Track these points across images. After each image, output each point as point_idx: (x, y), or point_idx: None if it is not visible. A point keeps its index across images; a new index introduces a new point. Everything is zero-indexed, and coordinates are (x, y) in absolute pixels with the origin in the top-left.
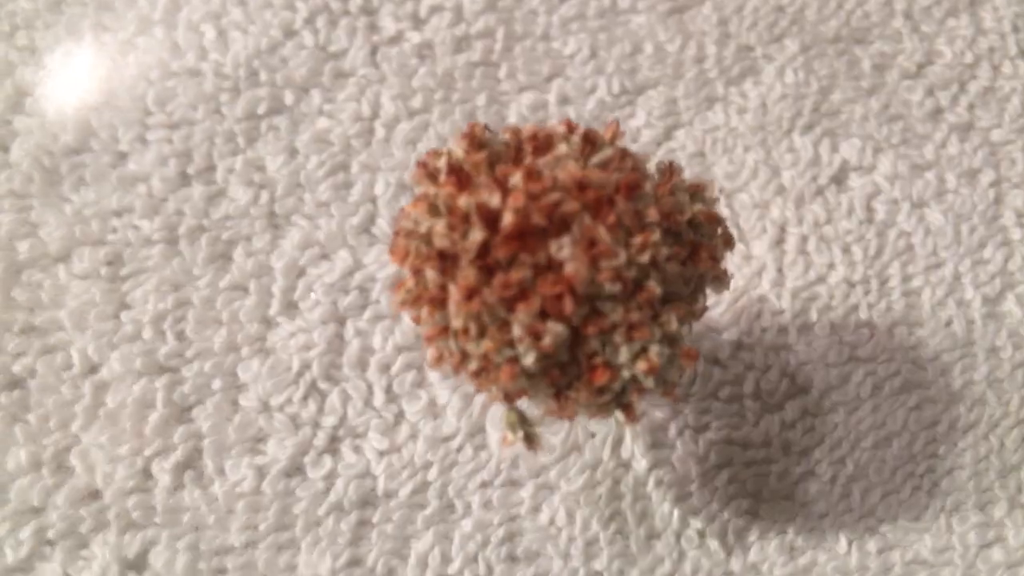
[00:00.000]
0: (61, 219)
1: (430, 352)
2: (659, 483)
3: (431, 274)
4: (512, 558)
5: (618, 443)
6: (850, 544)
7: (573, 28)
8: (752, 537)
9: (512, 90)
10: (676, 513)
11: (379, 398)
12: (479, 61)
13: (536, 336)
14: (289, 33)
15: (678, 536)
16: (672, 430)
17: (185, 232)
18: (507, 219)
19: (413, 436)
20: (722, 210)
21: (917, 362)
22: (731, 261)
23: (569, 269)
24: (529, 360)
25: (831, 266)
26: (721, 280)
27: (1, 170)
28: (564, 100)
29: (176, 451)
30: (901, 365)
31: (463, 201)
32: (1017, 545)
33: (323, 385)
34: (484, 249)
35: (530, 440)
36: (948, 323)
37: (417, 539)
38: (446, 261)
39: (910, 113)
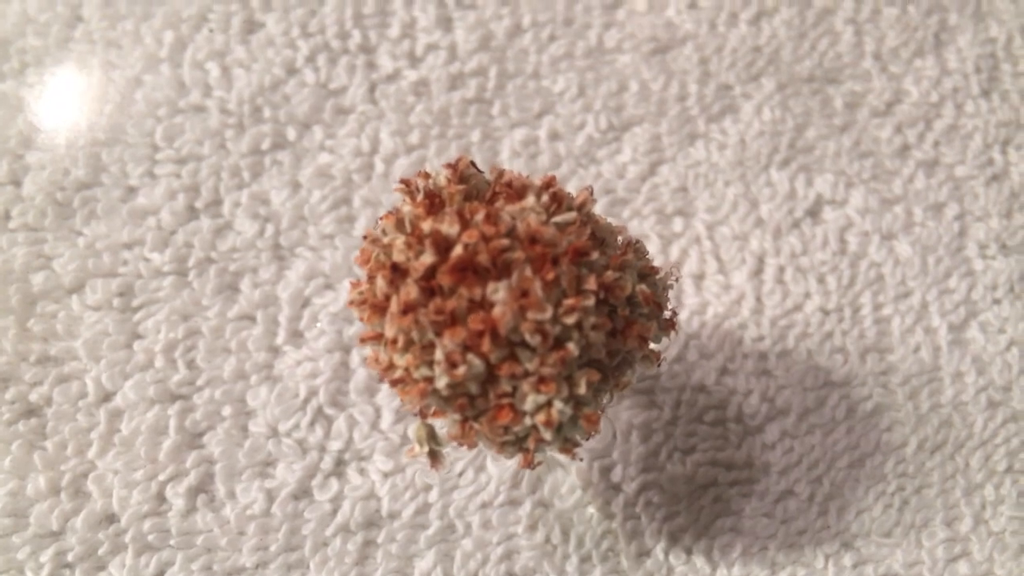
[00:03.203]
0: (74, 252)
1: (368, 353)
2: (649, 503)
3: (381, 283)
4: (511, 575)
5: (607, 470)
6: (827, 559)
7: (562, 67)
8: (736, 553)
9: (505, 126)
10: (665, 530)
11: (387, 420)
12: (473, 98)
13: (453, 364)
14: (291, 71)
15: (667, 553)
16: (663, 453)
17: (194, 264)
18: (456, 251)
19: (416, 459)
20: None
21: (888, 386)
22: (711, 290)
23: (497, 312)
24: (441, 383)
25: (807, 295)
26: (650, 360)
27: (14, 204)
28: (554, 136)
29: (189, 476)
30: (873, 389)
31: (426, 224)
32: (982, 559)
33: (329, 411)
34: (431, 272)
35: (434, 457)
36: (916, 349)
37: (420, 558)
38: (396, 274)
39: (880, 149)
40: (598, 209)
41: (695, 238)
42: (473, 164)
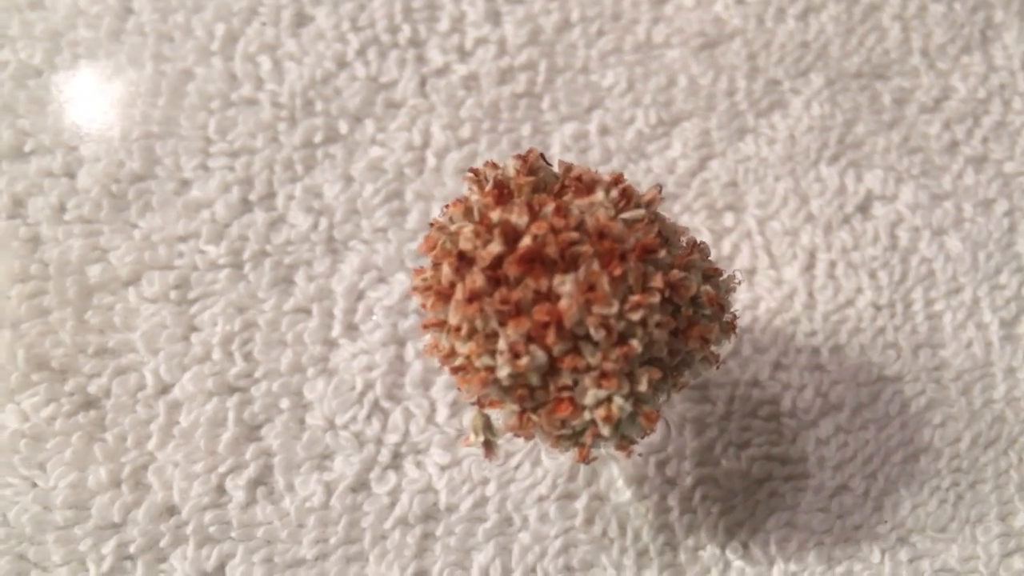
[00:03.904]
0: (130, 244)
1: (428, 339)
2: (704, 497)
3: (446, 270)
4: (568, 568)
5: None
6: (883, 554)
7: (611, 61)
8: (792, 547)
9: (555, 120)
10: (721, 525)
11: (442, 414)
12: (523, 92)
13: (516, 354)
14: (342, 64)
15: (723, 547)
16: (717, 448)
17: (249, 256)
18: (525, 242)
19: (471, 447)
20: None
21: (940, 382)
22: (763, 285)
23: (563, 304)
24: (503, 373)
25: (859, 290)
26: (709, 361)
27: (70, 196)
28: (604, 131)
29: (248, 468)
30: (926, 385)
31: (495, 214)
32: None
33: (386, 404)
34: (498, 262)
35: (488, 447)
36: (968, 345)
37: (478, 551)
38: (463, 262)
39: (928, 145)
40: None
41: (746, 233)
42: (543, 157)
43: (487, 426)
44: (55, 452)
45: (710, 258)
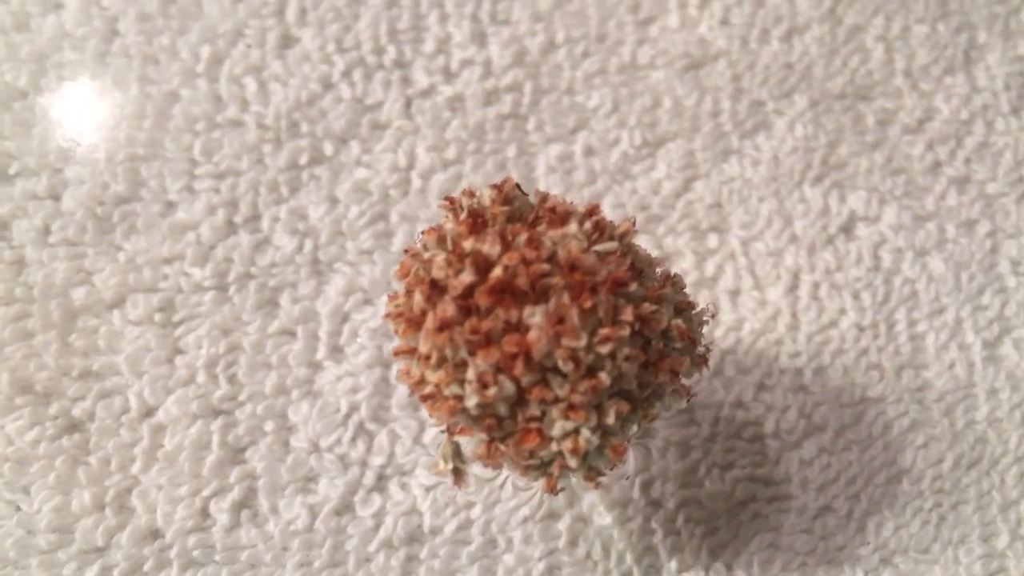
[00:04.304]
0: (115, 267)
1: (399, 367)
2: (688, 519)
3: (418, 297)
4: None
5: (647, 485)
6: (866, 575)
7: (596, 83)
8: (776, 569)
9: (540, 141)
10: (705, 546)
11: (429, 434)
12: (508, 113)
13: (484, 384)
14: (327, 86)
15: (707, 569)
16: (701, 469)
17: (234, 279)
18: (496, 272)
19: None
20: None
21: (923, 403)
22: (747, 306)
23: (532, 336)
24: (471, 403)
25: (842, 311)
26: (680, 394)
27: (55, 219)
28: (589, 152)
29: (232, 491)
30: (909, 406)
31: (468, 243)
32: (1019, 574)
33: (371, 426)
34: (469, 291)
35: (457, 474)
36: (951, 366)
37: (462, 574)
38: (435, 290)
39: (912, 166)
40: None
41: (730, 254)
42: (518, 187)
43: (456, 453)
44: (39, 476)
45: (685, 290)
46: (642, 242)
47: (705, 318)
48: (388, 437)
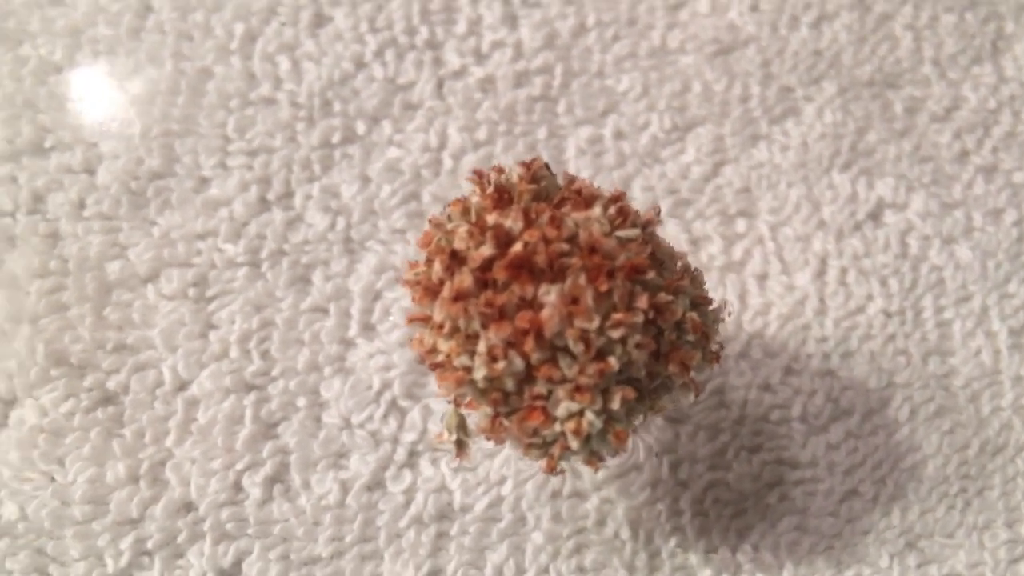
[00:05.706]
0: (149, 241)
1: (414, 335)
2: (716, 501)
3: (437, 267)
4: (581, 569)
5: (676, 465)
6: (891, 558)
7: (626, 66)
8: (802, 551)
9: (570, 124)
10: (732, 528)
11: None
12: (539, 96)
13: (494, 358)
14: (360, 65)
15: (734, 550)
16: (729, 452)
17: (267, 255)
18: (515, 248)
19: (489, 453)
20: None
21: (950, 389)
22: (774, 290)
23: (545, 313)
24: (479, 375)
25: (870, 297)
26: (689, 388)
27: (89, 192)
28: (619, 135)
29: (265, 465)
30: (935, 391)
31: (491, 217)
32: None
33: (404, 403)
34: (488, 264)
35: (460, 446)
36: (977, 353)
37: (492, 551)
38: (454, 261)
39: (939, 154)
40: (663, 211)
41: (758, 239)
42: (547, 167)
43: (461, 425)
44: (74, 447)
45: (705, 287)
46: (671, 226)
47: (722, 315)
48: (420, 414)
